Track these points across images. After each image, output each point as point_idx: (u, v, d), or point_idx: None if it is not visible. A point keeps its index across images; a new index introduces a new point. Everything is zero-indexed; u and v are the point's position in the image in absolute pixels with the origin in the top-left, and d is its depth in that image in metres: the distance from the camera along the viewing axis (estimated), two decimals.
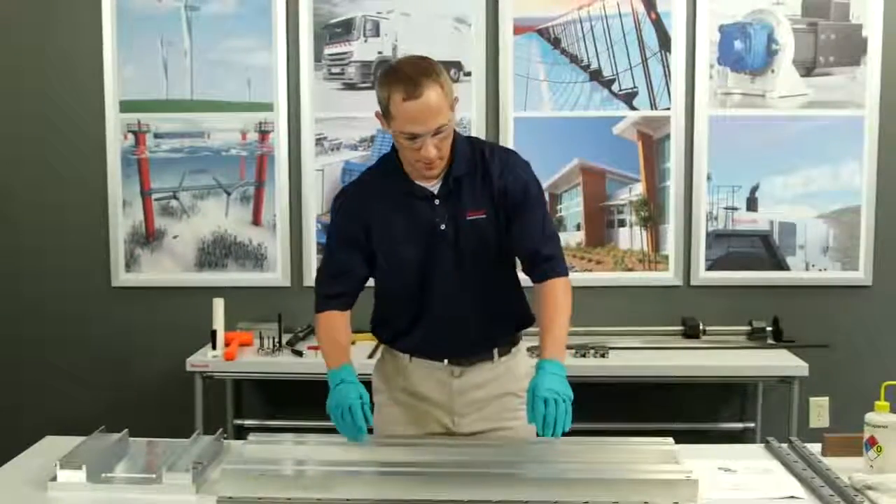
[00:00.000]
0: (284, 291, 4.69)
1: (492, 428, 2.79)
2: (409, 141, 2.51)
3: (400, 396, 2.83)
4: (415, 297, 2.72)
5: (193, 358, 4.20)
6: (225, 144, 4.66)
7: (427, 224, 2.65)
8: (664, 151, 4.60)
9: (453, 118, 2.56)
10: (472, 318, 2.71)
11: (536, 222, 2.67)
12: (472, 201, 2.64)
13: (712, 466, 2.57)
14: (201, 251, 4.70)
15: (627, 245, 4.65)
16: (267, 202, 4.67)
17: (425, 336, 2.74)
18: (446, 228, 2.64)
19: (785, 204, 4.60)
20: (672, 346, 4.41)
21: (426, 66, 2.52)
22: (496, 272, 2.72)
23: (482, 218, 2.64)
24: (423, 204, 2.65)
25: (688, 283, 4.65)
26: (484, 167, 2.65)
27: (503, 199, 2.65)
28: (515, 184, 2.66)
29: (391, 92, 2.49)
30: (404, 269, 2.70)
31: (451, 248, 2.65)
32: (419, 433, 2.79)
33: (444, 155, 2.57)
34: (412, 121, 2.47)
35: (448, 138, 2.57)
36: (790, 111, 4.56)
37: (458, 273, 2.67)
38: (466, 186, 2.64)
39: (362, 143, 4.63)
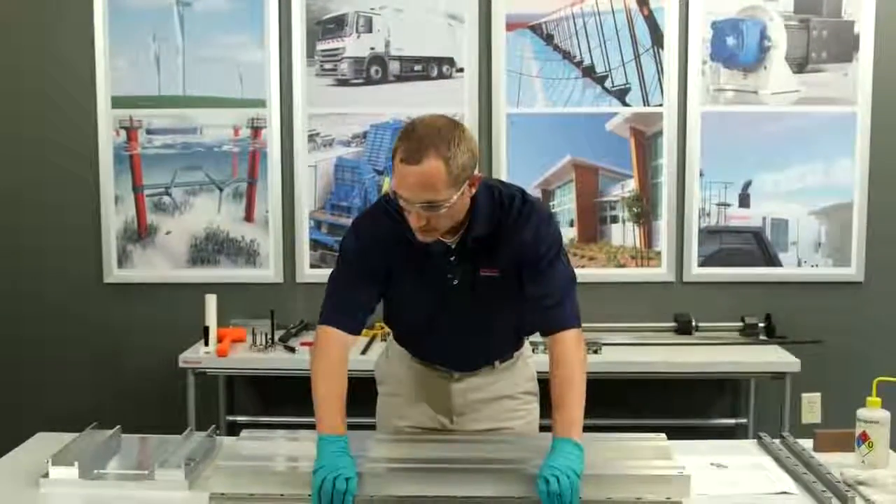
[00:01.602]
0: (277, 288, 4.69)
1: (489, 428, 2.80)
2: (403, 202, 2.36)
3: (401, 390, 2.85)
4: (423, 329, 2.72)
5: (186, 354, 4.20)
6: (217, 140, 4.66)
7: (440, 276, 2.58)
8: (657, 148, 4.60)
9: (457, 197, 2.35)
10: (478, 347, 2.74)
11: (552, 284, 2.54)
12: (487, 259, 2.55)
13: (704, 462, 2.58)
14: (194, 247, 4.70)
15: (620, 241, 4.65)
16: (259, 198, 4.67)
17: (430, 354, 2.79)
18: (459, 283, 2.58)
19: (777, 200, 4.61)
20: (665, 342, 4.42)
21: (441, 135, 2.31)
22: (504, 319, 2.70)
23: (495, 276, 2.57)
24: (438, 259, 2.56)
25: (680, 279, 4.65)
26: (503, 226, 2.53)
27: (520, 258, 2.54)
28: (540, 247, 2.53)
29: (398, 147, 2.33)
30: (414, 311, 2.69)
31: (463, 297, 2.60)
32: (417, 426, 2.80)
33: (441, 228, 2.42)
34: (402, 184, 2.31)
35: (451, 215, 2.40)
36: (782, 107, 4.56)
37: (467, 316, 2.64)
38: (484, 244, 2.54)
39: (355, 140, 4.62)
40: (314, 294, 4.63)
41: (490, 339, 2.74)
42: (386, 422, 2.88)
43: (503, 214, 2.52)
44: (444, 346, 2.75)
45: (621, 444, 2.69)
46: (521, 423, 2.83)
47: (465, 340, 2.70)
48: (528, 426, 2.84)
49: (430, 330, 2.70)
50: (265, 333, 4.28)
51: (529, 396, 2.87)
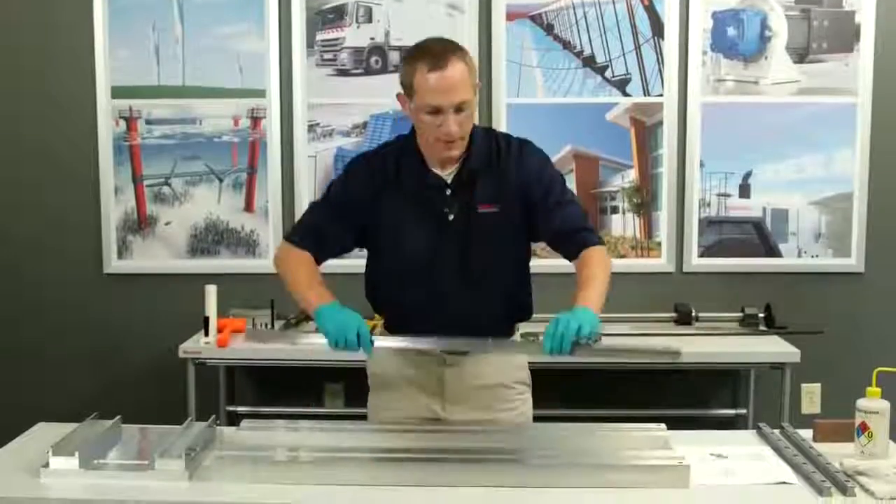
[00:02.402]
0: (277, 278, 4.60)
1: (482, 418, 2.77)
2: (432, 116, 2.52)
3: (394, 382, 2.83)
4: (414, 283, 2.70)
5: (186, 345, 4.20)
6: (217, 131, 4.65)
7: (435, 213, 2.63)
8: (657, 138, 4.60)
9: (475, 102, 2.57)
10: (470, 310, 2.69)
11: (567, 206, 2.66)
12: (485, 194, 2.62)
13: (704, 452, 2.58)
14: (194, 238, 4.70)
15: (620, 231, 4.65)
16: (259, 189, 4.67)
17: (421, 322, 2.70)
18: (454, 220, 2.63)
19: (777, 191, 4.61)
20: (664, 332, 4.41)
21: (452, 43, 2.58)
22: (502, 268, 2.70)
23: (494, 212, 2.62)
24: (433, 192, 2.63)
25: (680, 269, 4.66)
26: (501, 161, 2.64)
27: (523, 194, 2.63)
28: (537, 180, 2.64)
29: (416, 65, 2.51)
30: (406, 253, 2.69)
31: (457, 239, 2.64)
32: (410, 418, 2.79)
33: (465, 135, 2.57)
34: (436, 92, 2.48)
35: (469, 120, 2.57)
36: (783, 98, 4.56)
37: (460, 265, 2.65)
38: (481, 179, 2.63)
39: (355, 130, 4.62)
40: None
41: (486, 297, 2.69)
42: (378, 416, 2.87)
43: (500, 149, 2.65)
44: (438, 304, 2.67)
45: (621, 435, 2.70)
46: (515, 413, 2.81)
47: (460, 298, 2.66)
48: (521, 417, 2.83)
49: (425, 280, 2.67)
50: (265, 324, 4.29)
51: (523, 386, 2.86)
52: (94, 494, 2.35)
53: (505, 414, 2.79)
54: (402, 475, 2.38)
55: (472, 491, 2.33)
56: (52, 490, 2.38)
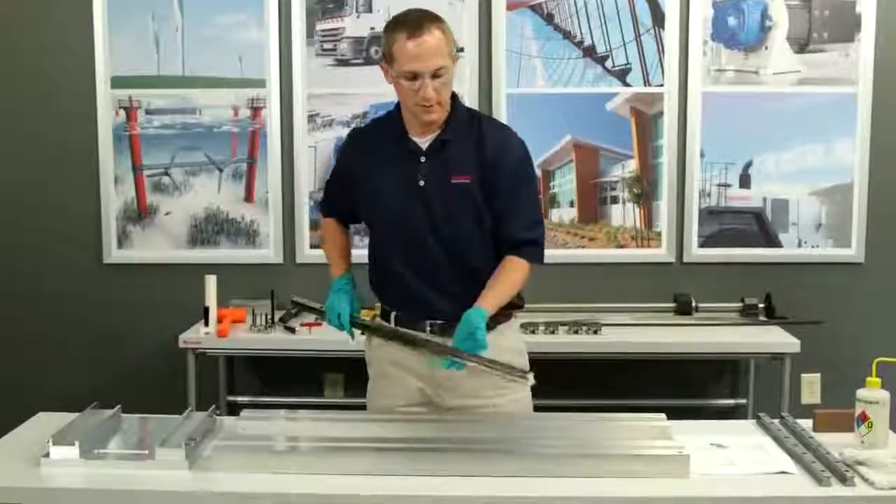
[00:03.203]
0: (277, 268, 4.69)
1: (474, 405, 2.78)
2: (410, 82, 2.63)
3: (388, 369, 2.86)
4: (393, 253, 2.80)
5: (186, 335, 4.20)
6: (217, 121, 4.65)
7: (408, 178, 2.73)
8: (657, 128, 4.60)
9: (453, 70, 2.67)
10: (446, 282, 2.75)
11: (522, 208, 2.75)
12: (458, 165, 2.71)
13: (704, 442, 2.59)
14: (193, 228, 4.70)
15: (620, 222, 4.65)
16: (259, 179, 4.66)
17: (406, 293, 2.80)
18: (425, 185, 2.71)
19: (778, 181, 4.60)
20: (664, 322, 4.42)
21: (429, 13, 2.68)
22: (473, 242, 2.75)
23: (466, 183, 2.70)
24: (409, 157, 2.73)
25: (680, 259, 4.65)
26: (478, 136, 2.73)
27: (492, 174, 2.71)
28: (507, 164, 2.72)
29: (395, 34, 2.64)
30: (381, 220, 2.81)
31: (427, 206, 2.71)
32: (406, 404, 2.82)
33: (442, 101, 2.67)
34: (413, 59, 2.60)
35: (447, 86, 2.67)
36: (783, 88, 4.55)
37: (431, 233, 2.73)
38: (456, 149, 2.72)
39: (355, 120, 4.61)
40: (314, 274, 4.68)
41: (459, 273, 2.74)
42: (375, 402, 2.90)
43: (481, 126, 2.76)
44: (414, 282, 2.76)
45: (621, 425, 2.70)
46: (508, 399, 2.80)
47: (431, 272, 2.74)
48: (516, 404, 2.82)
49: (401, 249, 2.77)
50: (265, 314, 4.28)
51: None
52: (94, 484, 2.36)
53: (499, 400, 2.79)
54: (401, 465, 2.39)
55: (470, 480, 2.34)
56: (52, 480, 2.39)
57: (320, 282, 4.57)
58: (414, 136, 2.75)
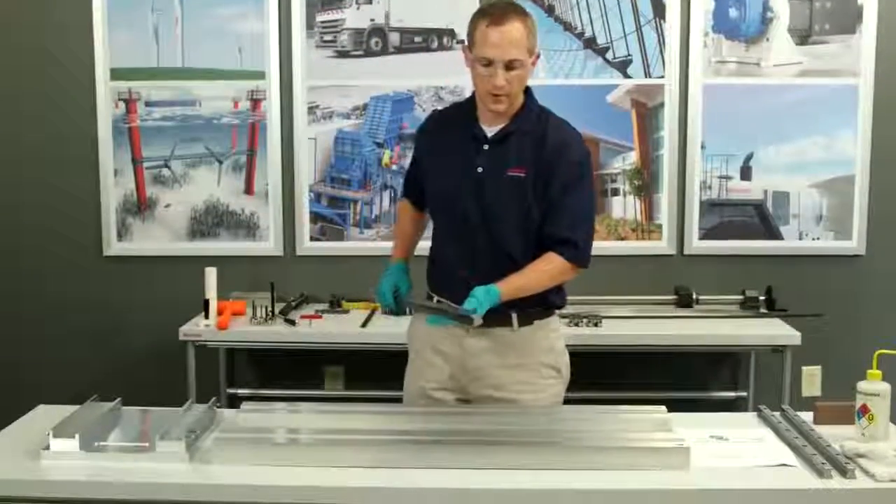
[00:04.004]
0: (277, 260, 4.69)
1: (500, 397, 2.83)
2: (485, 68, 2.71)
3: (426, 353, 2.92)
4: (444, 236, 2.89)
5: (186, 327, 4.20)
6: (216, 113, 4.65)
7: (467, 164, 2.79)
8: (658, 120, 4.59)
9: (528, 66, 2.75)
10: (489, 272, 2.76)
11: (569, 207, 2.78)
12: (517, 158, 2.76)
13: (704, 435, 2.59)
14: (193, 220, 4.70)
15: (621, 214, 4.65)
16: (259, 171, 4.66)
17: (450, 278, 2.85)
18: (482, 173, 2.77)
19: (779, 173, 4.60)
20: (665, 315, 4.42)
21: (517, 6, 2.78)
22: (518, 236, 2.79)
23: (520, 177, 2.75)
24: (473, 144, 2.80)
25: (681, 252, 4.65)
26: (542, 133, 2.79)
27: (547, 171, 2.75)
28: (564, 163, 2.77)
29: (479, 20, 2.73)
30: (437, 201, 2.92)
31: (480, 193, 2.77)
32: (437, 387, 2.89)
33: (512, 94, 2.74)
34: (490, 45, 2.68)
35: (520, 81, 2.75)
36: (785, 80, 4.55)
37: (480, 221, 2.78)
38: (518, 143, 2.78)
39: (355, 112, 4.61)
40: (314, 267, 4.69)
41: (505, 262, 2.77)
42: (411, 383, 2.97)
43: (547, 124, 2.82)
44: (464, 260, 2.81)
45: (621, 417, 2.70)
46: (537, 396, 2.84)
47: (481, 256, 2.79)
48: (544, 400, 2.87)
49: (455, 234, 2.85)
50: (265, 306, 4.28)
51: (549, 370, 2.88)
52: (94, 476, 2.36)
53: (524, 396, 2.83)
54: (404, 457, 2.39)
55: (467, 472, 2.34)
56: (52, 472, 2.39)
57: (320, 274, 4.61)
58: (483, 123, 2.83)
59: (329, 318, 4.34)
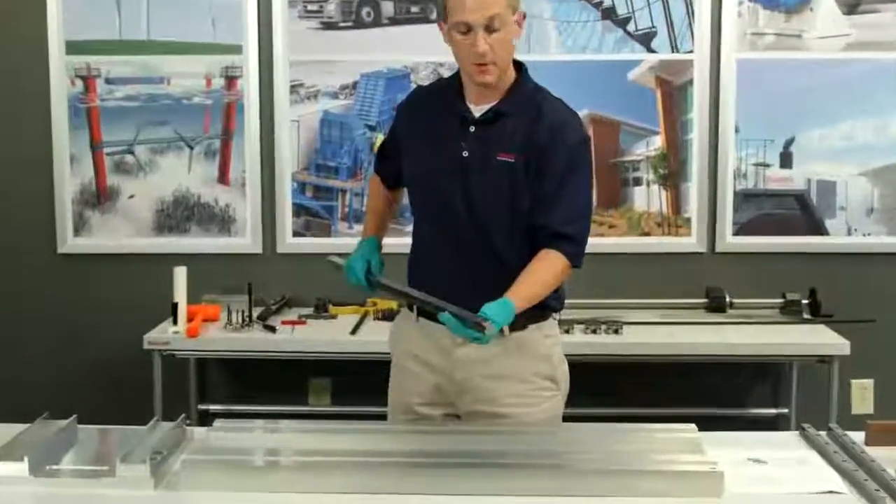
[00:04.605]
0: (255, 259, 4.69)
1: (492, 412, 2.81)
2: (463, 36, 2.68)
3: (408, 364, 2.91)
4: (425, 225, 2.89)
5: (151, 334, 4.20)
6: (187, 92, 4.64)
7: (451, 146, 2.78)
8: (686, 100, 4.59)
9: (512, 26, 2.71)
10: (472, 265, 2.78)
11: (565, 199, 2.77)
12: (507, 142, 2.75)
13: (740, 457, 2.58)
14: (160, 213, 4.69)
15: (644, 206, 4.64)
16: (235, 158, 4.66)
17: (431, 271, 2.85)
18: (468, 157, 2.76)
19: (823, 159, 4.60)
20: (695, 320, 4.42)
21: None
22: (505, 227, 2.77)
23: (510, 162, 2.74)
24: (458, 124, 2.79)
25: (712, 249, 4.65)
26: (535, 114, 2.76)
27: (539, 157, 2.74)
28: (559, 149, 2.75)
29: None
30: (418, 186, 2.91)
31: (465, 179, 2.76)
32: (423, 402, 2.87)
33: (499, 60, 2.70)
34: (466, 9, 2.65)
35: (504, 44, 2.70)
36: (830, 54, 4.54)
37: (464, 209, 2.77)
38: (509, 124, 2.76)
39: (343, 91, 4.61)
40: (298, 266, 4.67)
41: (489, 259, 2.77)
42: (393, 398, 2.97)
43: (541, 105, 2.79)
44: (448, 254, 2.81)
45: (646, 436, 2.69)
46: (532, 411, 2.82)
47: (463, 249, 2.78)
48: (540, 414, 2.84)
49: (431, 231, 2.87)
50: (242, 311, 4.28)
51: (546, 382, 2.86)
52: None
53: (518, 410, 2.80)
54: (397, 482, 2.38)
55: (474, 499, 2.33)
56: None
57: (305, 274, 4.60)
58: (470, 102, 2.81)
59: (314, 323, 4.34)
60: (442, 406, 2.88)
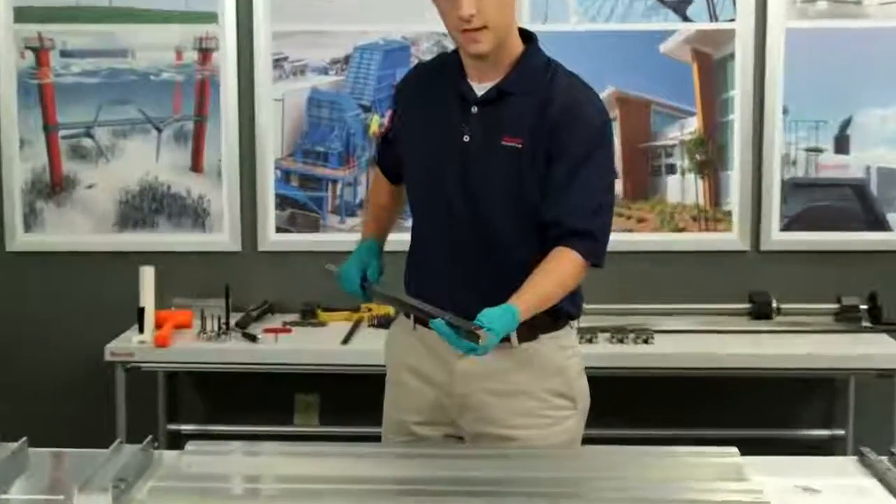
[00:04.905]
0: (233, 258, 4.69)
1: (498, 434, 2.81)
2: (449, 3, 2.66)
3: (404, 377, 2.91)
4: (422, 221, 2.90)
5: (114, 344, 4.20)
6: (154, 66, 4.65)
7: (451, 129, 2.78)
8: (727, 76, 4.59)
9: None
10: (473, 266, 2.79)
11: (581, 190, 2.73)
12: (514, 124, 2.74)
13: (789, 485, 2.57)
14: (124, 205, 4.70)
15: (678, 198, 4.65)
16: (210, 142, 4.67)
17: (428, 274, 2.86)
18: (469, 142, 2.76)
19: (885, 144, 4.60)
20: (736, 328, 4.42)
21: None
22: (511, 221, 2.77)
23: (518, 147, 2.72)
24: (459, 105, 2.79)
25: (757, 247, 4.65)
26: (547, 92, 2.75)
27: (550, 142, 2.72)
28: (574, 132, 2.73)
29: None
30: (413, 176, 2.93)
31: (465, 167, 2.76)
32: (421, 421, 2.87)
33: (490, 23, 2.66)
34: None
35: (496, 5, 2.66)
36: (893, 22, 4.54)
37: (463, 200, 2.77)
38: (516, 104, 2.75)
39: (334, 66, 4.61)
40: (282, 266, 4.67)
41: (493, 257, 2.77)
42: (388, 416, 2.97)
43: (553, 81, 2.78)
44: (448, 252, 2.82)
45: (682, 461, 2.69)
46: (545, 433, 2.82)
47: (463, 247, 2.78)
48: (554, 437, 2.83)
49: (428, 227, 2.87)
50: (218, 317, 4.28)
51: (561, 399, 2.86)
52: None
53: (529, 432, 2.80)
54: None
55: None
56: None
57: (290, 276, 4.60)
58: (472, 79, 2.80)
59: (301, 332, 4.35)
60: (442, 426, 2.88)
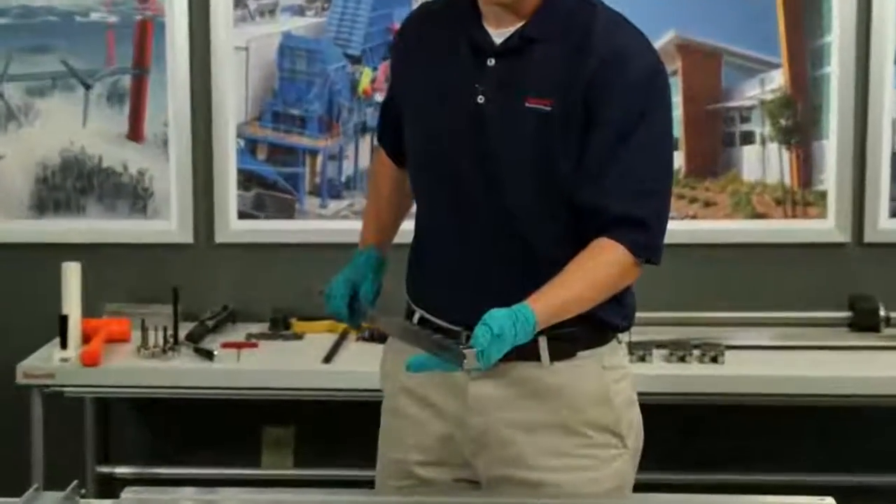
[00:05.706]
0: (184, 252, 4.69)
1: (523, 477, 2.79)
2: None
3: (404, 404, 2.90)
4: (426, 208, 2.91)
5: (28, 362, 4.21)
6: (80, 5, 4.65)
7: (462, 89, 2.76)
8: (822, 15, 4.58)
9: None
10: (491, 263, 2.77)
11: (629, 164, 2.71)
12: (541, 80, 2.71)
13: None
14: (42, 183, 4.71)
15: (757, 175, 4.64)
16: (153, 103, 4.68)
17: (435, 274, 2.85)
18: (484, 103, 2.73)
19: None
20: (833, 343, 4.42)
21: None
22: (546, 208, 2.75)
23: (544, 110, 2.69)
24: (472, 57, 2.77)
25: (859, 239, 4.65)
26: (582, 37, 2.72)
27: (591, 99, 2.69)
28: (621, 87, 2.70)
29: None
30: (416, 150, 2.92)
31: (479, 136, 2.74)
32: (425, 461, 2.86)
33: None
34: None
35: None
36: None
37: (478, 180, 2.75)
38: (543, 54, 2.72)
39: (312, 5, 4.61)
40: (246, 263, 4.69)
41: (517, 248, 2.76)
42: (386, 452, 2.97)
43: (590, 26, 2.73)
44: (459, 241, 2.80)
45: None
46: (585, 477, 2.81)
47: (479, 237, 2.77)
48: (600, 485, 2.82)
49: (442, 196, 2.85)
50: (164, 328, 4.28)
51: (605, 435, 2.85)
52: None
53: (564, 476, 2.79)
54: None
55: None
56: None
57: (256, 275, 4.61)
58: (488, 24, 2.78)
59: (270, 347, 4.36)
60: (453, 467, 2.86)
